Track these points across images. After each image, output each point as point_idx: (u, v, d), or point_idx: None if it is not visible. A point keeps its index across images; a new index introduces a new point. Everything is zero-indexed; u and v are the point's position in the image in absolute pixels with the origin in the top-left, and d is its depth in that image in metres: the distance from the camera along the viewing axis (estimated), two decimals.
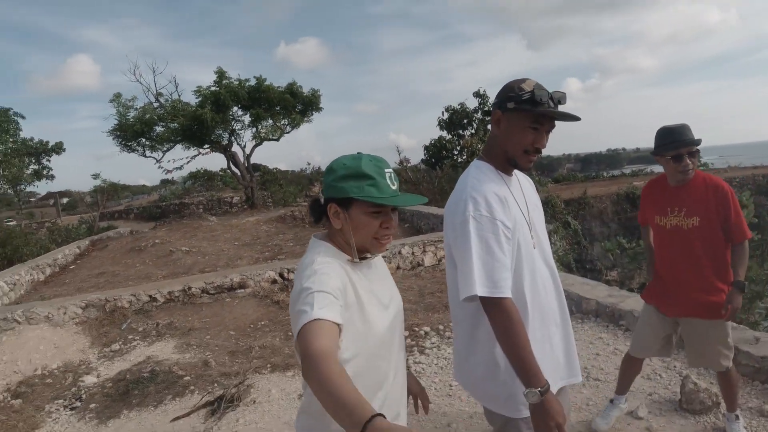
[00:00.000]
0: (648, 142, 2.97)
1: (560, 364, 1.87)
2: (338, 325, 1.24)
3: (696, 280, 2.75)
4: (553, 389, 1.74)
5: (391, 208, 1.45)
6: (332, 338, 1.19)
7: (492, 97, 18.40)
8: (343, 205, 1.43)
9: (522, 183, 1.90)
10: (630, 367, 3.18)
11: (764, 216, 12.72)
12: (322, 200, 1.48)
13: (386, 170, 1.43)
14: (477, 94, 19.61)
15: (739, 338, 3.74)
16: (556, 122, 1.76)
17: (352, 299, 1.39)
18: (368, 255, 1.51)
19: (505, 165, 1.81)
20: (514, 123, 1.73)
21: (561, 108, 1.73)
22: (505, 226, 1.66)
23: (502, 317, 1.59)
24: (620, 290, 5.46)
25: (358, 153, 1.47)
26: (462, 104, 19.70)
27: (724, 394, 2.99)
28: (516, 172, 1.90)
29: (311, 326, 1.19)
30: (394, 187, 1.43)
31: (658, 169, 3.30)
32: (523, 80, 1.74)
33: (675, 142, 2.67)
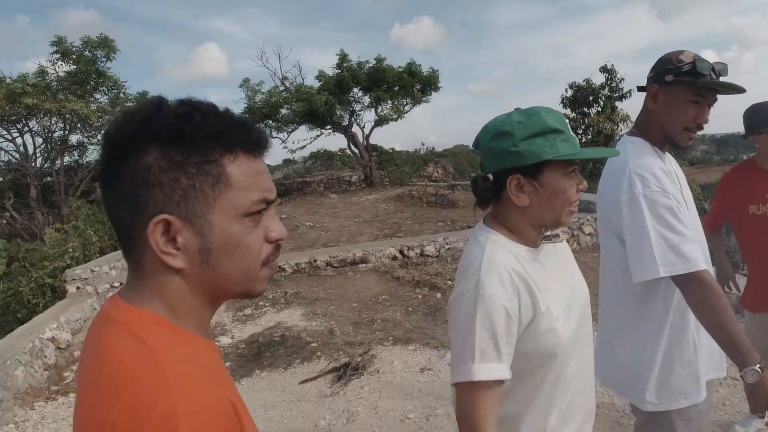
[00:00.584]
0: None
1: (711, 355, 1.73)
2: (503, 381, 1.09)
3: None
4: (703, 383, 1.65)
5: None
6: (495, 409, 1.08)
7: (620, 72, 17.09)
8: (530, 173, 1.15)
9: (673, 162, 1.78)
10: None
11: None
12: (490, 176, 1.21)
13: (566, 121, 1.21)
14: (604, 69, 18.40)
15: None
16: (718, 96, 1.63)
17: (527, 315, 1.14)
18: (551, 234, 1.27)
19: (662, 142, 1.69)
20: (674, 97, 1.62)
21: (723, 80, 1.60)
22: (677, 200, 1.56)
23: (704, 291, 1.48)
24: None
25: (518, 108, 1.22)
26: (587, 80, 18.61)
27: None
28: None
29: (474, 392, 1.08)
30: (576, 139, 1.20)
31: None
32: (681, 51, 1.63)
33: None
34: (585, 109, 18.73)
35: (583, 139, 17.73)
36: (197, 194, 0.68)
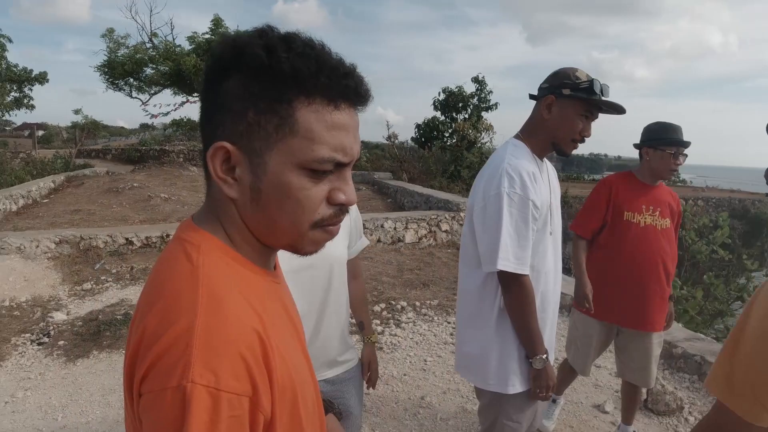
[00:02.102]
0: (631, 151, 2.90)
1: (549, 347, 1.91)
2: None
3: (657, 285, 2.66)
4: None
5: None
6: None
7: (490, 84, 18.15)
8: None
9: (549, 170, 1.92)
10: (569, 375, 3.11)
11: (735, 238, 13.06)
12: None
13: None
14: (476, 80, 19.47)
15: (707, 350, 3.85)
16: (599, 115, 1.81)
17: None
18: None
19: (544, 149, 1.83)
20: (568, 109, 1.75)
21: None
22: (534, 206, 1.70)
23: (520, 293, 1.69)
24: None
25: None
26: (460, 87, 19.58)
27: (629, 407, 2.93)
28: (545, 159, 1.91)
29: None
30: None
31: None
32: (576, 69, 1.77)
33: (677, 138, 2.63)
34: (454, 114, 19.68)
35: (449, 142, 18.63)
36: (260, 131, 0.66)
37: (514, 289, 1.70)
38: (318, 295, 1.63)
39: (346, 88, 0.67)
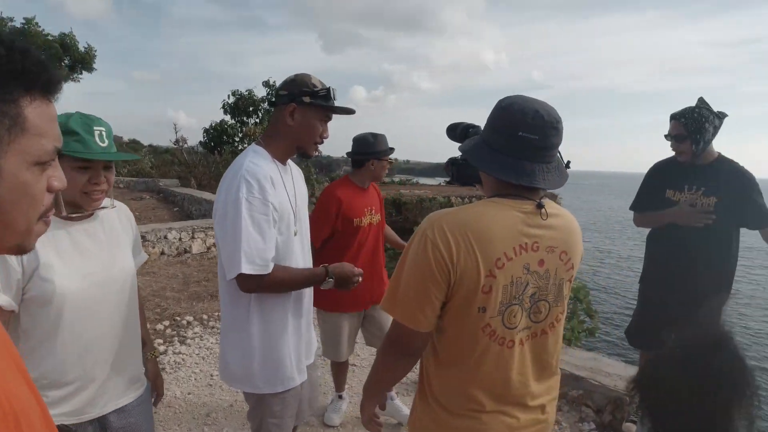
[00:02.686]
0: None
1: (308, 348, 2.08)
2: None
3: (381, 270, 3.17)
4: (296, 370, 1.94)
5: (102, 165, 1.46)
6: None
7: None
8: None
9: (294, 173, 2.02)
10: (340, 369, 3.36)
11: None
12: None
13: (96, 128, 1.45)
14: (266, 84, 19.39)
15: None
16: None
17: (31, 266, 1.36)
18: (85, 211, 1.51)
19: (287, 153, 1.93)
20: (310, 115, 1.86)
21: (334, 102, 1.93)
22: (275, 209, 1.77)
23: (275, 282, 1.78)
24: None
25: (75, 112, 1.47)
26: (250, 91, 19.31)
27: (342, 378, 3.38)
28: (290, 162, 2.01)
29: None
30: (104, 145, 1.46)
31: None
32: (308, 76, 1.88)
33: (389, 148, 3.11)
34: (245, 118, 19.35)
35: (240, 147, 18.26)
36: None
37: (268, 286, 1.77)
38: (121, 311, 1.58)
39: (54, 80, 0.69)
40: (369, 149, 3.06)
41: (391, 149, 3.12)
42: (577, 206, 62.92)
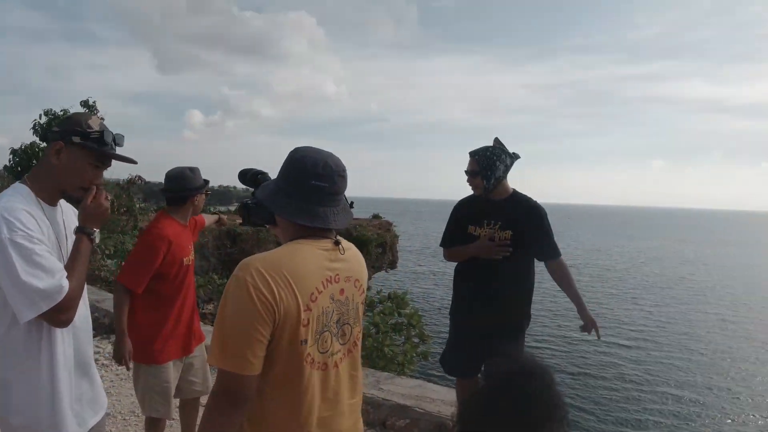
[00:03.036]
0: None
1: (95, 397, 1.90)
2: None
3: (194, 308, 3.06)
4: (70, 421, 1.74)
5: None
6: None
7: (106, 110, 16.80)
8: None
9: (65, 212, 1.87)
10: (160, 428, 3.02)
11: None
12: None
13: None
14: (85, 104, 17.65)
15: None
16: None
17: None
18: None
19: (54, 195, 1.77)
20: (78, 157, 1.72)
21: (119, 150, 1.82)
22: (43, 243, 1.62)
23: (75, 292, 1.62)
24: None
25: None
26: (65, 111, 17.45)
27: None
28: (62, 202, 1.85)
29: None
30: None
31: None
32: (89, 116, 1.76)
33: (200, 185, 3.02)
34: None
35: None
36: None
37: (69, 312, 1.62)
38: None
39: None
40: (191, 185, 2.96)
41: (207, 181, 3.10)
42: (412, 232, 66.51)
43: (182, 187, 2.93)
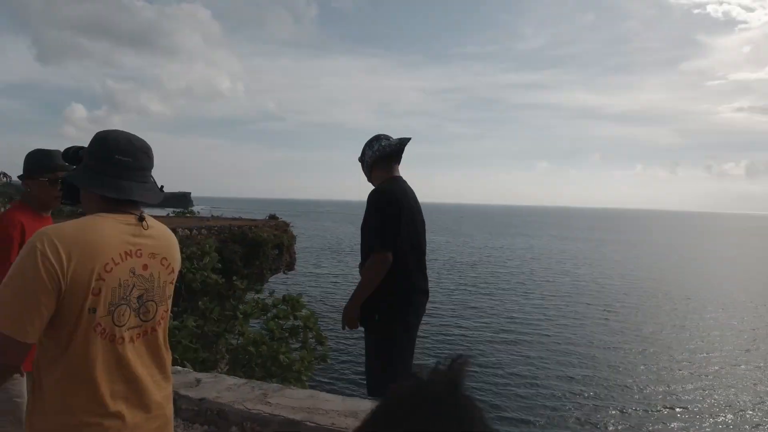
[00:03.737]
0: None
1: None
2: None
3: None
4: None
5: None
6: None
7: None
8: None
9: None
10: None
11: (236, 261, 14.69)
12: None
13: None
14: None
15: (180, 382, 3.85)
16: None
17: None
18: None
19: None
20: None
21: None
22: None
23: None
24: None
25: None
26: None
27: None
28: None
29: None
30: None
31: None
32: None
33: (56, 163, 2.60)
34: None
35: None
36: None
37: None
38: None
39: None
40: (26, 164, 2.64)
41: (56, 164, 2.68)
42: (312, 233, 65.62)
43: (27, 165, 2.62)
